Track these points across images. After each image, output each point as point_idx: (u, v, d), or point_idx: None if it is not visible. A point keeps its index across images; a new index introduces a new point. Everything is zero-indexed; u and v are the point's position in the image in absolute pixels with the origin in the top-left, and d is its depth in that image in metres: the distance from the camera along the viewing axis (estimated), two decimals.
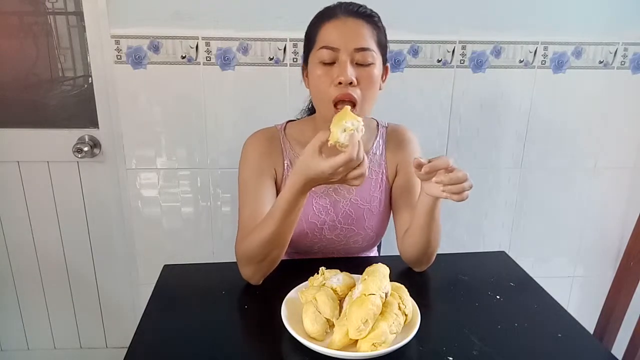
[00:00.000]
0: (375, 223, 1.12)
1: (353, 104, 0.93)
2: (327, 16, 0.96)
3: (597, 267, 1.86)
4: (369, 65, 0.94)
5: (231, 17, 1.46)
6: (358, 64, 0.94)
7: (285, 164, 1.08)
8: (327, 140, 0.80)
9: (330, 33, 0.94)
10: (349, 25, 0.94)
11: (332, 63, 0.94)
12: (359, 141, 0.79)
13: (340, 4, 0.98)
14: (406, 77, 1.57)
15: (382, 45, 0.98)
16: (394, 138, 1.14)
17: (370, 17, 0.96)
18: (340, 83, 0.92)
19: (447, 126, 1.64)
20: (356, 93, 0.93)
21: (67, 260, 1.73)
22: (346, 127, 0.80)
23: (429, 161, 0.86)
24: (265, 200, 1.04)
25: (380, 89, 0.99)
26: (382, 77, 1.00)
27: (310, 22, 1.01)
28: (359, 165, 0.80)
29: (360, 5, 0.98)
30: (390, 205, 1.14)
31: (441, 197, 0.89)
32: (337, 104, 0.93)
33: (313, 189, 0.92)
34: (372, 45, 0.95)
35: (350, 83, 0.92)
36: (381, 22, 0.99)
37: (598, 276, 1.85)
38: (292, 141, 1.11)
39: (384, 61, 1.00)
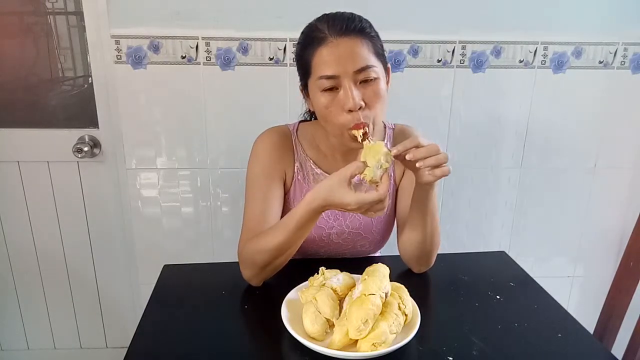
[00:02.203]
0: (382, 226, 1.11)
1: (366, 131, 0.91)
2: (317, 41, 0.90)
3: (597, 267, 1.86)
4: (373, 80, 0.90)
5: (231, 17, 1.46)
6: (362, 81, 0.90)
7: (296, 167, 1.07)
8: (358, 173, 0.81)
9: (325, 61, 0.89)
10: (342, 48, 0.88)
11: (335, 88, 0.90)
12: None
13: (326, 20, 0.91)
14: (406, 77, 1.57)
15: (380, 53, 0.94)
16: (402, 139, 1.11)
17: (361, 31, 0.90)
18: (350, 110, 0.89)
19: (447, 126, 1.64)
20: (367, 116, 0.90)
21: (67, 260, 1.73)
22: (382, 164, 0.81)
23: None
24: (273, 201, 1.02)
25: (386, 93, 0.96)
26: (386, 80, 0.97)
27: (300, 46, 0.96)
28: (382, 201, 0.80)
29: (347, 19, 0.90)
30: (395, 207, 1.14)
31: (428, 180, 0.86)
32: (354, 128, 0.90)
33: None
34: (371, 59, 0.90)
35: (360, 107, 0.89)
36: (373, 29, 0.94)
37: (598, 276, 1.85)
38: (304, 143, 1.09)
39: (385, 64, 0.96)
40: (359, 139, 0.90)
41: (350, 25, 0.89)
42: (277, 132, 1.08)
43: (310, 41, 0.92)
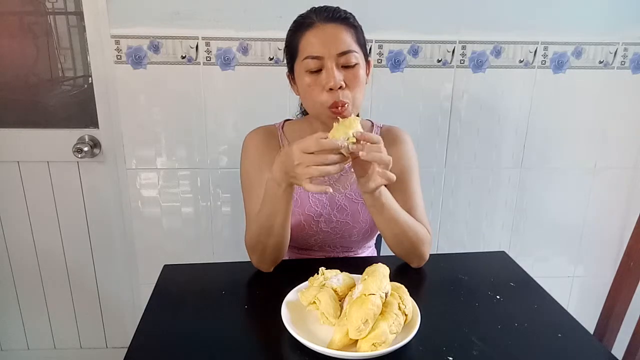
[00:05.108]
0: (369, 217, 1.13)
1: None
2: (305, 26, 0.98)
3: (597, 267, 1.86)
4: (353, 66, 0.97)
5: (231, 17, 1.46)
6: (344, 67, 0.97)
7: None
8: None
9: (311, 43, 0.97)
10: (328, 32, 0.96)
11: (318, 70, 0.97)
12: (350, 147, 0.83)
13: (314, 10, 1.00)
14: (406, 77, 1.57)
15: (362, 43, 1.01)
16: (388, 137, 1.15)
17: (346, 20, 0.99)
18: (330, 89, 0.95)
19: (447, 126, 1.64)
20: (347, 96, 0.97)
21: (67, 260, 1.73)
22: (349, 137, 0.83)
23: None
24: None
25: (365, 83, 1.02)
26: (366, 73, 1.03)
27: (289, 33, 1.03)
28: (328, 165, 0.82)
29: (334, 9, 1.00)
30: None
31: (371, 188, 0.89)
32: (333, 107, 0.96)
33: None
34: (353, 46, 0.98)
35: (340, 87, 0.95)
36: (357, 21, 1.02)
37: (598, 276, 1.85)
38: (290, 137, 1.15)
39: (366, 57, 1.03)
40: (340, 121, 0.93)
41: (335, 14, 0.98)
42: (263, 130, 1.15)
43: (299, 27, 1.00)
